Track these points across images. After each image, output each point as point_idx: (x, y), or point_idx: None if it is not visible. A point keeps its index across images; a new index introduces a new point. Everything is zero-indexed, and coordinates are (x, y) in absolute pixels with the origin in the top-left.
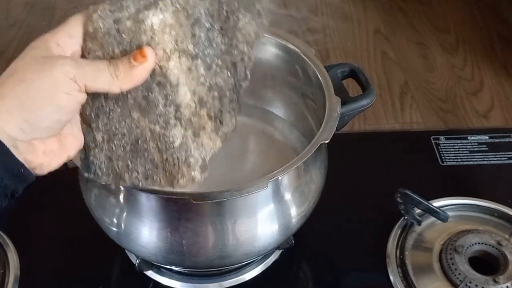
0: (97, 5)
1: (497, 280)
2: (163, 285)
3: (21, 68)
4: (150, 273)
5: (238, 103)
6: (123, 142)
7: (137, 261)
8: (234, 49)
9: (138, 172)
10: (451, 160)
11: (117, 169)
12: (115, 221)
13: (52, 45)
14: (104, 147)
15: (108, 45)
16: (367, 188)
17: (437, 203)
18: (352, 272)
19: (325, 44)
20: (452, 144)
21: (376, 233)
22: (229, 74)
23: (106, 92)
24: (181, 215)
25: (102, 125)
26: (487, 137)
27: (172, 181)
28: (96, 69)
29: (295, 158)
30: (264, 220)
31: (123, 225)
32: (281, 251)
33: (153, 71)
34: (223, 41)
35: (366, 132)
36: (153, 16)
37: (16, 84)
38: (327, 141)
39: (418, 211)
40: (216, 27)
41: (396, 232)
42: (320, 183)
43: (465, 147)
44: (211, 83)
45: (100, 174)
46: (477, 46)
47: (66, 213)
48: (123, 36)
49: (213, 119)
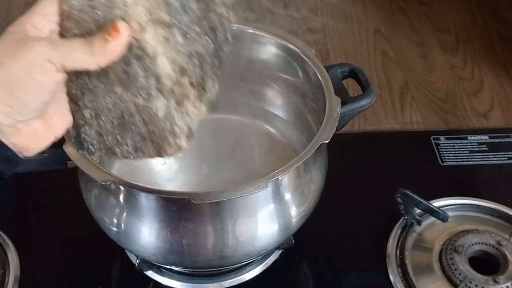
0: None
1: (497, 280)
2: (163, 285)
3: None
4: (150, 273)
5: (221, 68)
6: (110, 117)
7: (137, 261)
8: (212, 13)
9: (128, 145)
10: (451, 160)
11: (108, 144)
12: (115, 221)
13: (28, 27)
14: (93, 124)
15: (84, 22)
16: (367, 188)
17: (437, 203)
18: (352, 272)
19: (325, 44)
20: (452, 144)
21: (376, 233)
22: (208, 39)
23: (84, 69)
24: (181, 215)
25: (88, 102)
26: (487, 137)
27: (160, 151)
28: (71, 47)
29: (295, 158)
30: (264, 220)
31: (123, 225)
32: (281, 251)
33: (129, 44)
34: (198, 6)
35: (366, 132)
36: None
37: None
38: (327, 141)
39: (418, 211)
40: None
41: (396, 232)
42: (320, 183)
43: (465, 147)
44: (190, 50)
45: (93, 150)
46: (477, 46)
47: (66, 213)
48: (97, 12)
49: (195, 87)
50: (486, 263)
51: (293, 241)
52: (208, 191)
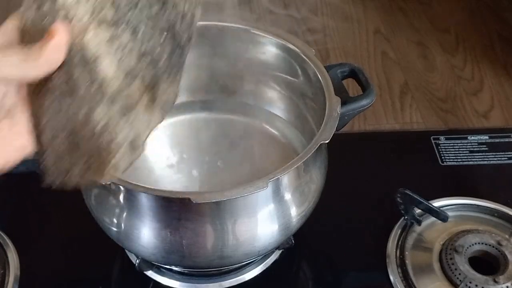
0: None
1: (497, 280)
2: (163, 285)
3: None
4: (150, 273)
5: (181, 69)
6: (63, 136)
7: (137, 261)
8: (170, 8)
9: (77, 168)
10: (451, 160)
11: (63, 168)
12: (115, 221)
13: None
14: (51, 147)
15: (38, 34)
16: (367, 188)
17: (437, 203)
18: (352, 272)
19: (325, 44)
20: (452, 144)
21: (376, 233)
22: (164, 38)
23: (24, 79)
24: (181, 215)
25: (47, 121)
26: (487, 137)
27: (102, 171)
28: (5, 55)
29: (295, 158)
30: (264, 220)
31: (123, 225)
32: (281, 251)
33: (70, 48)
34: (152, 1)
35: (366, 132)
36: None
37: None
38: (327, 141)
39: (418, 211)
40: None
41: (396, 232)
42: (320, 183)
43: (465, 147)
44: (141, 50)
45: (53, 177)
46: (477, 46)
47: (66, 213)
48: (45, 20)
49: (147, 92)
50: (486, 263)
51: (293, 241)
52: (208, 191)
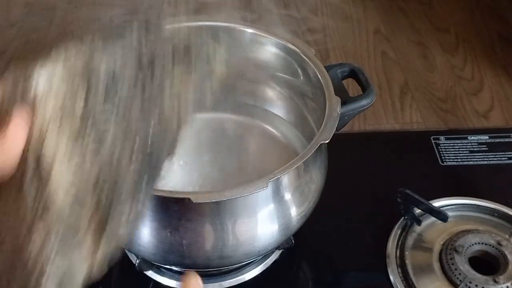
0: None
1: (497, 280)
2: (163, 285)
3: None
4: (150, 273)
5: (143, 203)
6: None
7: (137, 261)
8: (155, 118)
9: None
10: (451, 160)
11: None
12: None
13: None
14: None
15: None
16: (367, 188)
17: (437, 203)
18: (352, 272)
19: (325, 44)
20: (452, 144)
21: (376, 233)
22: (134, 157)
23: None
24: (181, 215)
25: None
26: (487, 137)
27: None
28: None
29: (295, 158)
30: (264, 220)
31: None
32: (281, 251)
33: (24, 151)
34: (136, 104)
35: (366, 132)
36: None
37: None
38: (327, 141)
39: (418, 211)
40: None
41: (396, 232)
42: (320, 183)
43: (465, 147)
44: (101, 169)
45: None
46: (477, 46)
47: None
48: (11, 102)
49: (95, 222)
50: (486, 263)
51: (293, 241)
52: (208, 191)
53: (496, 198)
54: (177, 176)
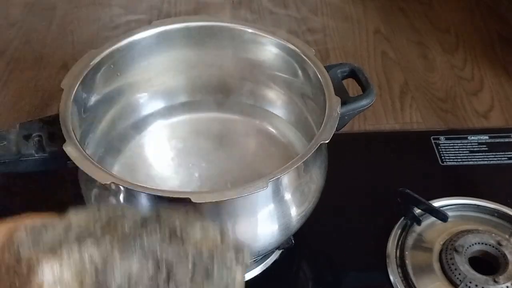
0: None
1: (497, 280)
2: None
3: None
4: None
5: None
6: None
7: None
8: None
9: None
10: (451, 160)
11: None
12: None
13: None
14: None
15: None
16: (367, 188)
17: (437, 203)
18: (352, 272)
19: (325, 44)
20: (452, 144)
21: (376, 233)
22: None
23: None
24: None
25: None
26: (487, 137)
27: None
28: None
29: (295, 158)
30: (264, 220)
31: None
32: (281, 251)
33: None
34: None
35: (366, 132)
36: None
37: None
38: (327, 141)
39: (418, 211)
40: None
41: (396, 232)
42: (320, 183)
43: (465, 147)
44: None
45: None
46: (477, 46)
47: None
48: (16, 280)
49: None
50: (486, 263)
51: (293, 241)
52: (208, 191)
53: (496, 198)
54: (177, 177)
